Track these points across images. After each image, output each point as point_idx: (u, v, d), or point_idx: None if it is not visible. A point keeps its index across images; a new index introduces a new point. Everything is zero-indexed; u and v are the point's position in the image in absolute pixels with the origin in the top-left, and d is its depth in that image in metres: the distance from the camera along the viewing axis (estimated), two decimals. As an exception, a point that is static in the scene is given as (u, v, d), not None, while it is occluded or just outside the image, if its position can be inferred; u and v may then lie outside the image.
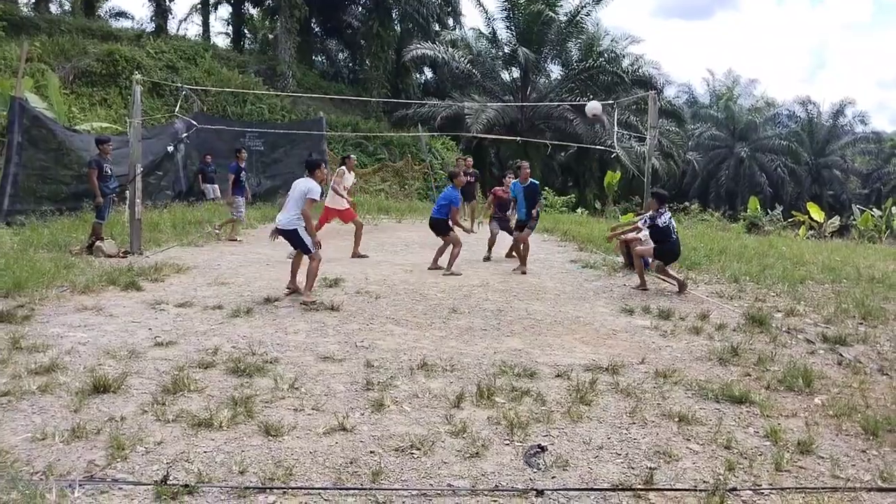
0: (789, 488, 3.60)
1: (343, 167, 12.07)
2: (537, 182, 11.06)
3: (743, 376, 5.50)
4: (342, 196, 11.52)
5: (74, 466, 3.54)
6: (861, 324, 7.48)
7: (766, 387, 5.22)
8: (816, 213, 24.51)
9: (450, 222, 10.24)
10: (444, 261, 10.20)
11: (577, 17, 30.89)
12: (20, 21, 24.13)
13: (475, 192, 12.75)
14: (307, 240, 7.82)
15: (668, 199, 9.51)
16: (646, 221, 9.06)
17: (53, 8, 33.29)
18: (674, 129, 35.80)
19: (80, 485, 3.32)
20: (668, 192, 10.28)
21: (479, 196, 19.08)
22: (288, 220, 7.85)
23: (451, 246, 10.24)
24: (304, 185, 7.84)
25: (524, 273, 10.21)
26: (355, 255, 11.28)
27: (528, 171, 10.85)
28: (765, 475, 3.73)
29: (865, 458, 4.03)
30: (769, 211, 28.91)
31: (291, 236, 7.90)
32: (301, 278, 8.05)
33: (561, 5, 31.09)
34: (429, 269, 10.24)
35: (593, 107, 11.79)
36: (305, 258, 8.05)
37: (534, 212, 10.62)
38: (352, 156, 13.16)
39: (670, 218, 9.09)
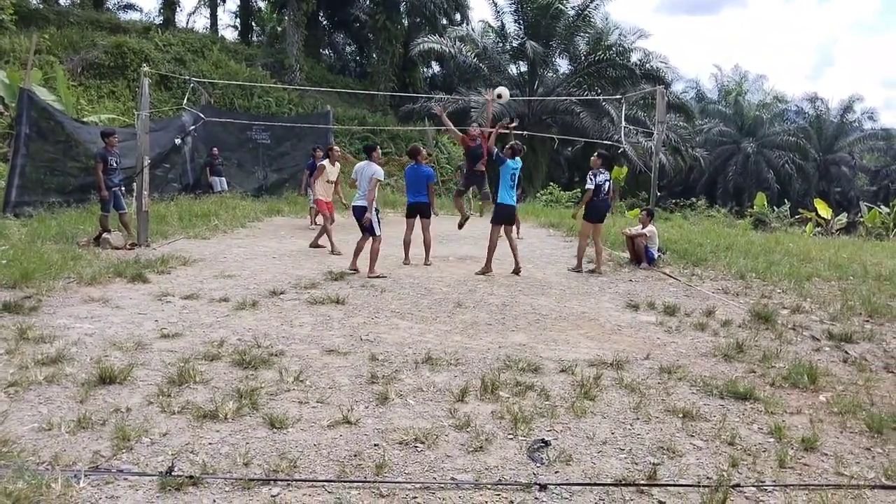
0: (793, 485, 3.59)
1: (324, 161, 12.02)
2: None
3: (748, 373, 5.49)
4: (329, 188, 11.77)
5: (80, 457, 3.56)
6: (867, 321, 7.45)
7: (770, 383, 5.21)
8: (824, 210, 24.40)
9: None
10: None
11: (586, 11, 30.72)
12: (30, 13, 24.19)
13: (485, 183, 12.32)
14: (375, 220, 9.20)
15: (610, 161, 11.21)
16: (592, 177, 10.00)
17: (62, 0, 33.31)
18: (682, 125, 35.63)
19: (85, 475, 3.34)
20: (675, 187, 10.71)
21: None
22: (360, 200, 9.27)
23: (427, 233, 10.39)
24: (370, 169, 9.22)
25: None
26: (314, 245, 11.55)
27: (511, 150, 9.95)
28: (768, 472, 3.73)
29: (870, 455, 4.02)
30: (776, 207, 28.80)
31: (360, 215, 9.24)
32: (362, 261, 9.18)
33: (569, -2, 30.95)
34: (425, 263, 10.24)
35: (502, 91, 11.74)
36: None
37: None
38: (335, 147, 12.82)
39: (606, 180, 10.10)
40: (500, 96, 11.46)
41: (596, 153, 10.31)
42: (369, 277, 8.86)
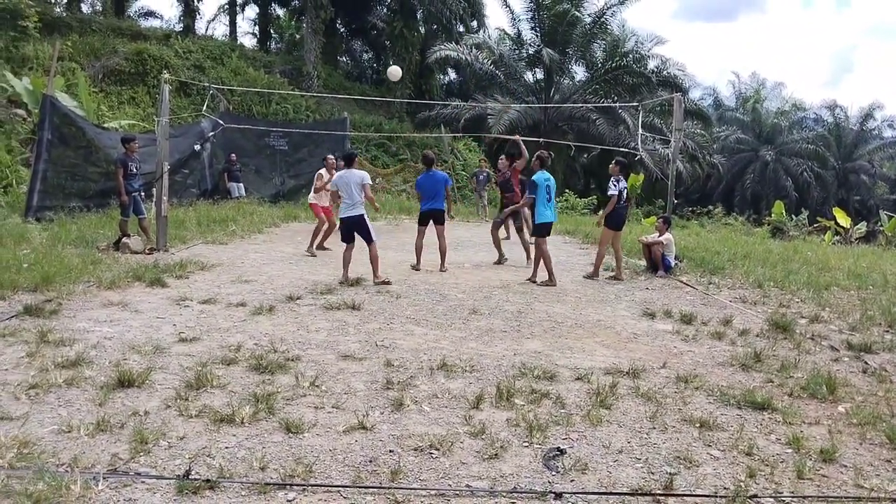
0: (811, 496, 3.56)
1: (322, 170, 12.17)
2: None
3: (765, 383, 5.44)
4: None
5: (99, 459, 3.60)
6: (887, 331, 7.37)
7: (788, 394, 5.16)
8: (843, 219, 24.14)
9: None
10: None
11: (603, 18, 30.73)
12: (53, 21, 24.54)
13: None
14: (371, 227, 8.99)
15: (628, 168, 11.56)
16: (615, 184, 9.99)
17: (85, 7, 33.82)
18: (699, 132, 35.47)
19: (104, 477, 3.38)
20: (691, 195, 10.73)
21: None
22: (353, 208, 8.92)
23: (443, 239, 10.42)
24: (355, 176, 8.88)
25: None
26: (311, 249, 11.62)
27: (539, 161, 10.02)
28: (786, 483, 3.70)
29: (890, 467, 3.97)
30: (794, 216, 28.54)
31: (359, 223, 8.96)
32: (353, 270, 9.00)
33: (585, 6, 30.96)
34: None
35: (394, 72, 11.86)
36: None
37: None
38: (328, 156, 12.90)
39: (624, 188, 10.14)
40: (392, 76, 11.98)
41: (614, 161, 10.30)
42: (376, 284, 8.79)
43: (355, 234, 9.02)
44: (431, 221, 10.30)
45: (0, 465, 3.45)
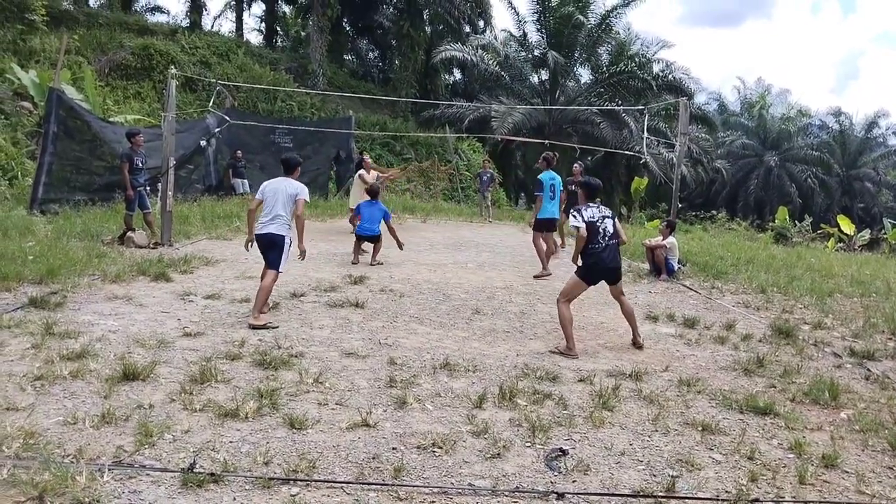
0: (813, 502, 3.57)
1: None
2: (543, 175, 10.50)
3: (768, 388, 5.45)
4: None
5: (104, 451, 3.62)
6: (890, 339, 7.37)
7: (791, 399, 5.17)
8: (846, 226, 24.14)
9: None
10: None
11: (608, 21, 30.69)
12: (60, 14, 24.60)
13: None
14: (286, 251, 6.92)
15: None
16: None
17: (92, 2, 33.86)
18: (703, 136, 35.44)
19: (109, 469, 3.40)
20: (695, 199, 10.62)
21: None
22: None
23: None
24: (291, 187, 7.07)
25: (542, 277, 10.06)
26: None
27: (545, 161, 10.50)
28: (788, 488, 3.71)
29: (892, 474, 3.98)
30: (798, 222, 28.53)
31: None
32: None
33: (591, 9, 30.92)
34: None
35: None
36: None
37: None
38: (365, 156, 12.97)
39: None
40: None
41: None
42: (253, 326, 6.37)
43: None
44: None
45: (6, 454, 3.47)
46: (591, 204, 6.38)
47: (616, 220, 6.47)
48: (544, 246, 10.33)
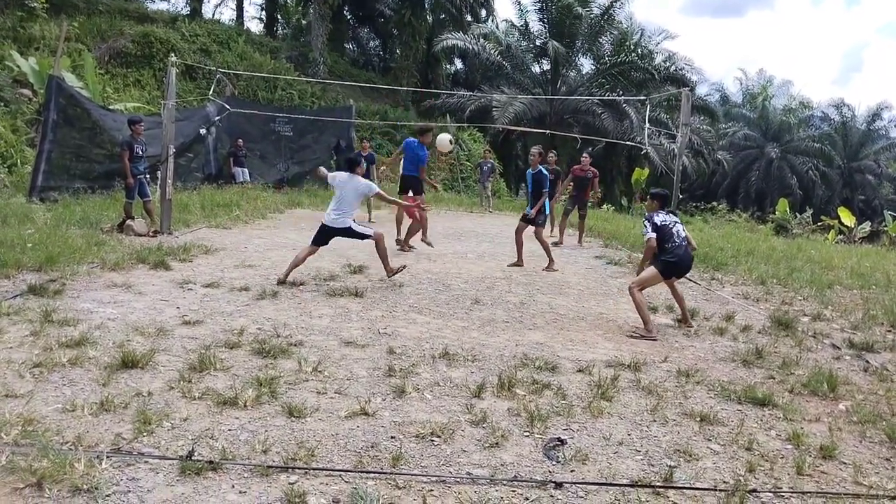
0: (810, 492, 3.57)
1: None
2: (546, 171, 10.27)
3: (766, 379, 5.45)
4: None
5: (102, 438, 3.62)
6: (889, 331, 7.37)
7: (789, 390, 5.18)
8: (847, 218, 24.13)
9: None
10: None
11: (610, 11, 30.56)
12: (60, 1, 24.43)
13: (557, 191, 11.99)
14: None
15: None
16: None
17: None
18: (705, 127, 35.39)
19: (107, 456, 3.40)
20: (696, 190, 10.53)
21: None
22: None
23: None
24: (361, 184, 8.13)
25: (550, 270, 10.04)
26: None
27: (537, 156, 10.15)
28: (786, 478, 3.71)
29: (889, 466, 3.99)
30: (798, 214, 28.52)
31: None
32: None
33: (593, -1, 30.81)
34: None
35: (443, 142, 11.47)
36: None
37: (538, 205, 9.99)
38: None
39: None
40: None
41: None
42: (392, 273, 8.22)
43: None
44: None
45: (5, 441, 3.47)
46: (660, 211, 6.98)
47: (684, 226, 7.09)
48: (521, 240, 10.26)
